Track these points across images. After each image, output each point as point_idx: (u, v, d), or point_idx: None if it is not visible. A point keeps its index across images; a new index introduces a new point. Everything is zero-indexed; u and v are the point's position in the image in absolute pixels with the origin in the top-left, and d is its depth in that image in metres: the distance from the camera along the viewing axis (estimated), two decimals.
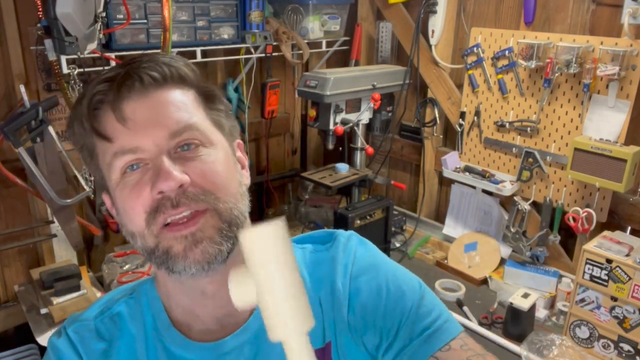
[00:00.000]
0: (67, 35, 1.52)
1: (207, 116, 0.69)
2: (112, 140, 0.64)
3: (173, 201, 0.62)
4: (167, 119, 0.64)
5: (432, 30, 2.14)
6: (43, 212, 1.97)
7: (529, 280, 1.88)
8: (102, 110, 0.65)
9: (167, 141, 0.64)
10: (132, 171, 0.64)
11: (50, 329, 1.72)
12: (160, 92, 0.65)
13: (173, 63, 0.68)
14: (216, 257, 0.64)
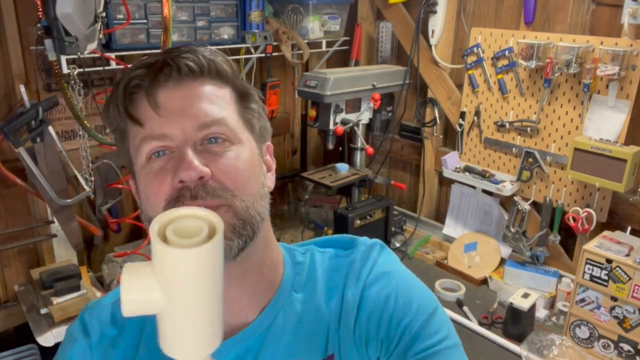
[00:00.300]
0: (67, 35, 1.52)
1: (239, 114, 0.69)
2: (143, 125, 0.65)
3: (192, 192, 0.62)
4: (198, 110, 0.64)
5: (432, 30, 2.14)
6: (43, 212, 1.97)
7: (529, 280, 1.88)
8: (138, 95, 0.66)
9: (194, 132, 0.64)
10: (157, 158, 0.65)
11: (50, 329, 1.72)
12: (195, 83, 0.66)
13: (212, 57, 0.68)
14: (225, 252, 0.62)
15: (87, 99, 1.96)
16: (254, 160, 0.69)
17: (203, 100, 0.65)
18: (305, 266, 0.76)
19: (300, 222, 2.45)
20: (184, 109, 0.64)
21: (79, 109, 1.69)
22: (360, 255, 0.75)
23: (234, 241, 0.64)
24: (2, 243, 1.93)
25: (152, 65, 0.65)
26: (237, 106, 0.70)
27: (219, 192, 0.63)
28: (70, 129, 2.03)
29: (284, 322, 0.71)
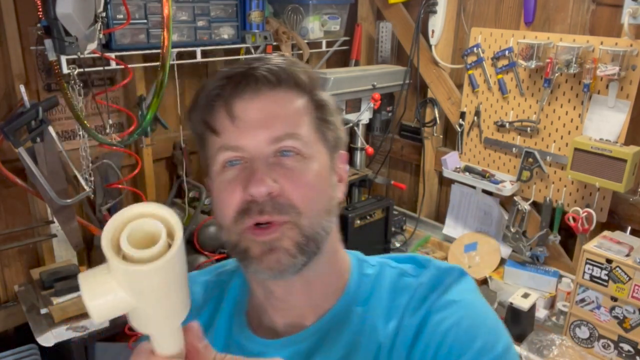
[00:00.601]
0: (67, 35, 1.52)
1: (313, 126, 0.69)
2: (219, 135, 0.67)
3: (260, 207, 0.63)
4: (272, 123, 0.65)
5: (432, 30, 2.14)
6: (43, 212, 1.97)
7: (529, 280, 1.88)
8: (217, 104, 0.67)
9: (267, 145, 0.65)
10: (231, 166, 0.67)
11: (50, 329, 1.72)
12: (271, 94, 0.67)
13: (289, 67, 0.69)
14: (289, 267, 0.65)
15: (87, 99, 1.96)
16: (324, 174, 0.69)
17: (278, 112, 0.66)
18: (371, 280, 0.74)
19: None
20: (258, 121, 0.65)
21: (79, 109, 1.69)
22: (430, 278, 0.71)
23: (298, 258, 0.65)
24: (2, 243, 1.93)
25: (233, 77, 0.67)
26: (313, 117, 0.69)
27: (287, 209, 0.64)
28: (70, 129, 2.03)
29: (339, 333, 0.70)
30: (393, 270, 0.74)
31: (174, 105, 2.27)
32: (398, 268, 0.74)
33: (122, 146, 1.76)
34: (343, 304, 0.72)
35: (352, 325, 0.70)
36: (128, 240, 0.40)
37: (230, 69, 0.69)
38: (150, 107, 1.64)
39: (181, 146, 2.28)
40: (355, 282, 0.73)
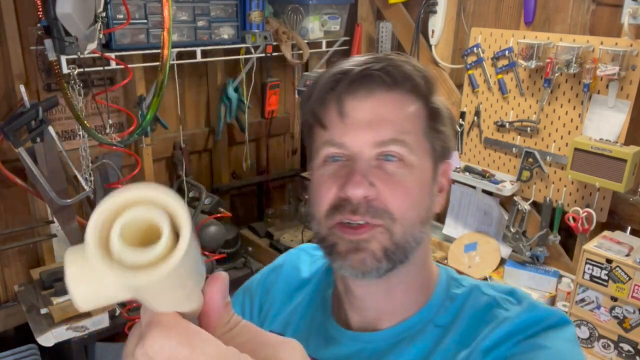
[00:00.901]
0: (67, 35, 1.52)
1: (423, 134, 0.67)
2: (326, 129, 0.67)
3: (353, 207, 0.63)
4: (380, 126, 0.64)
5: (432, 30, 2.14)
6: (43, 212, 1.97)
7: (529, 280, 1.88)
8: (329, 99, 0.67)
9: (371, 147, 0.64)
10: (332, 162, 0.67)
11: (50, 329, 1.72)
12: (384, 96, 0.65)
13: (408, 70, 0.67)
14: (372, 270, 0.64)
15: (87, 99, 1.96)
16: (425, 184, 0.67)
17: (388, 115, 0.65)
18: (456, 300, 0.70)
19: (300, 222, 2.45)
20: (367, 122, 0.64)
21: (79, 109, 1.69)
22: (520, 315, 0.64)
23: (383, 263, 0.64)
24: (2, 243, 1.93)
25: (349, 73, 0.66)
26: (424, 125, 0.67)
27: (381, 214, 0.63)
28: (70, 129, 2.03)
29: (410, 345, 0.68)
30: (483, 297, 0.69)
31: (174, 105, 2.27)
32: (490, 296, 0.69)
33: (122, 146, 1.76)
34: (421, 318, 0.70)
35: (425, 341, 0.68)
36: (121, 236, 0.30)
37: (348, 62, 0.68)
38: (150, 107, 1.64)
39: (181, 146, 2.28)
40: (438, 299, 0.71)
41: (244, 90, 2.37)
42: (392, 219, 0.64)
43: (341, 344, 0.73)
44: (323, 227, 0.67)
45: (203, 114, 2.44)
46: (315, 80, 0.71)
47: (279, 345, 0.37)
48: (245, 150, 2.48)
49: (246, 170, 2.54)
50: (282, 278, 0.86)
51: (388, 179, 0.64)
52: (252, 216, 2.68)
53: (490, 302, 0.68)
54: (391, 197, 0.64)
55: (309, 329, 0.78)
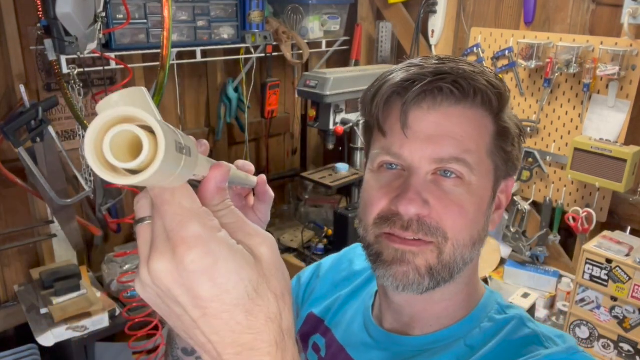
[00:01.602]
0: (67, 35, 1.52)
1: (488, 153, 0.64)
2: (386, 137, 0.65)
3: (404, 223, 0.62)
4: (442, 142, 0.61)
5: (432, 30, 2.14)
6: (43, 212, 1.97)
7: (529, 280, 1.88)
8: (393, 104, 0.64)
9: (430, 163, 0.62)
10: (388, 170, 0.65)
11: (50, 329, 1.72)
12: (451, 110, 0.62)
13: (481, 83, 0.62)
14: (413, 285, 0.63)
15: (87, 99, 1.96)
16: (482, 204, 0.65)
17: (452, 131, 0.61)
18: (494, 325, 0.68)
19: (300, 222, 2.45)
20: (428, 137, 0.61)
21: (79, 109, 1.69)
22: (558, 355, 0.61)
23: (425, 280, 0.63)
24: (2, 243, 1.93)
25: (417, 80, 0.62)
26: (491, 143, 0.64)
27: (433, 232, 0.61)
28: (70, 129, 2.03)
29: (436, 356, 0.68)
30: (525, 330, 0.66)
31: (174, 105, 2.27)
32: (533, 330, 0.65)
33: None
34: (452, 333, 0.69)
35: (452, 355, 0.67)
36: (111, 149, 0.36)
37: (418, 66, 0.64)
38: None
39: None
40: (476, 318, 0.69)
41: (244, 90, 2.37)
42: (445, 237, 0.62)
43: (371, 339, 0.74)
44: (370, 234, 0.66)
45: (203, 114, 2.44)
46: (381, 77, 0.67)
47: (253, 234, 0.42)
48: (245, 150, 2.48)
49: None
50: (334, 269, 0.90)
51: (443, 197, 0.62)
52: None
53: (531, 337, 0.64)
54: (445, 215, 0.62)
55: (347, 317, 0.80)
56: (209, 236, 0.39)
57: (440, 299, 0.68)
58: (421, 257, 0.62)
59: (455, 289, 0.68)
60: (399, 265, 0.63)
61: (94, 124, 0.36)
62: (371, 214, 0.65)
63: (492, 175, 0.65)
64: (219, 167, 0.44)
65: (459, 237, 0.62)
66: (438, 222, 0.61)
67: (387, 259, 0.63)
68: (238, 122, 2.44)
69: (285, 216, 2.57)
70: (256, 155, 2.66)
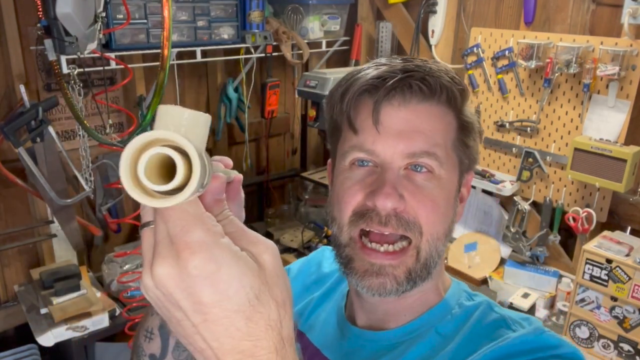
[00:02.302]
0: (67, 35, 1.52)
1: (453, 147, 0.67)
2: (357, 134, 0.65)
3: (382, 219, 0.62)
4: (413, 137, 0.63)
5: (432, 30, 2.14)
6: (43, 212, 1.97)
7: (529, 280, 1.88)
8: (364, 102, 0.66)
9: (402, 158, 0.63)
10: (360, 167, 0.66)
11: (50, 329, 1.72)
12: (420, 107, 0.64)
13: (446, 81, 0.65)
14: (391, 292, 0.64)
15: (87, 99, 1.96)
16: (451, 196, 0.67)
17: (422, 127, 0.64)
18: (463, 311, 0.70)
19: (300, 222, 2.45)
20: (399, 132, 0.63)
21: (79, 109, 1.69)
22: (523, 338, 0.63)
23: (404, 285, 0.64)
24: (2, 243, 1.93)
25: (386, 78, 0.64)
26: (454, 138, 0.67)
27: (409, 225, 0.63)
28: (70, 129, 2.03)
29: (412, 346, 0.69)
30: (492, 315, 0.68)
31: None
32: (500, 315, 0.68)
33: (122, 146, 1.76)
34: (426, 320, 0.70)
35: (424, 348, 0.68)
36: (146, 175, 0.36)
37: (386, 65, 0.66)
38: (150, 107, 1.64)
39: None
40: (445, 306, 0.71)
41: (244, 90, 2.37)
42: (420, 232, 0.63)
43: (345, 338, 0.74)
44: (344, 233, 0.66)
45: None
46: (348, 76, 0.69)
47: (256, 241, 0.43)
48: (245, 150, 2.48)
49: (246, 170, 2.54)
50: (303, 272, 0.89)
51: (417, 191, 0.63)
52: (252, 216, 2.67)
53: (499, 321, 0.67)
54: (420, 209, 0.63)
55: (321, 319, 0.80)
56: (212, 242, 0.39)
57: (413, 293, 0.69)
58: (400, 268, 0.64)
59: (428, 283, 0.69)
60: (375, 277, 0.63)
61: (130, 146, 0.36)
62: (346, 211, 0.65)
63: (457, 169, 0.68)
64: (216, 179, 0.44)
65: (433, 231, 0.64)
66: (414, 217, 0.63)
67: (359, 269, 0.65)
68: (238, 122, 2.44)
69: (285, 216, 2.57)
70: (256, 155, 2.66)
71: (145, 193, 0.37)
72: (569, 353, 0.61)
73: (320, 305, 0.82)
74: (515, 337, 0.62)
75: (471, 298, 0.72)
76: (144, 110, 2.06)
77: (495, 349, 0.62)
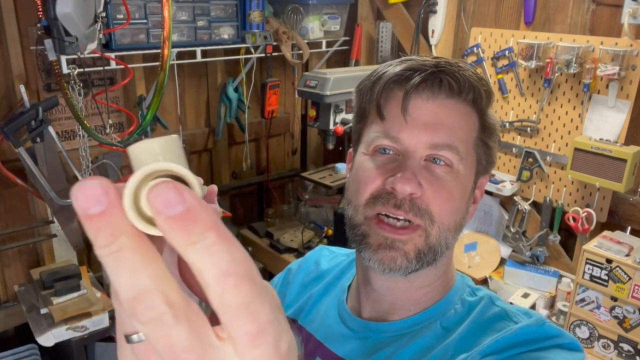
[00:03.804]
0: (67, 35, 1.52)
1: (474, 145, 0.70)
2: (385, 121, 0.68)
3: (397, 201, 0.65)
4: (437, 130, 0.66)
5: (432, 30, 2.14)
6: (43, 212, 1.97)
7: (529, 280, 1.88)
8: (394, 91, 0.68)
9: (425, 148, 0.66)
10: (382, 154, 0.68)
11: (50, 329, 1.72)
12: (447, 102, 0.67)
13: (474, 81, 0.68)
14: (400, 269, 0.66)
15: (87, 99, 1.96)
16: (465, 192, 0.70)
17: (447, 121, 0.67)
18: (466, 306, 0.72)
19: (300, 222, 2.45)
20: (425, 124, 0.66)
21: (79, 109, 1.69)
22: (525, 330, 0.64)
23: (412, 263, 0.66)
24: (2, 243, 1.93)
25: (420, 71, 0.67)
26: (476, 137, 0.70)
27: (421, 212, 0.65)
28: (70, 129, 2.03)
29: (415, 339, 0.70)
30: (494, 308, 0.70)
31: (174, 105, 2.27)
32: (501, 308, 0.70)
33: (122, 146, 1.76)
34: (428, 315, 0.72)
35: (428, 339, 0.70)
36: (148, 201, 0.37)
37: (419, 60, 0.69)
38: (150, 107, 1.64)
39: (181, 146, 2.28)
40: (449, 301, 0.73)
41: (244, 90, 2.37)
42: (431, 220, 0.65)
43: (349, 329, 0.75)
44: (360, 214, 0.68)
45: (203, 114, 2.44)
46: (380, 68, 0.71)
47: None
48: (245, 150, 2.48)
49: (246, 170, 2.54)
50: (302, 271, 0.91)
51: (434, 181, 0.66)
52: (252, 216, 2.67)
53: (500, 314, 0.69)
54: (435, 199, 0.65)
55: (321, 313, 0.81)
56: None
57: (420, 285, 0.71)
58: (410, 243, 0.66)
59: (434, 275, 0.71)
60: (388, 250, 0.66)
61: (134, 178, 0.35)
62: (364, 193, 0.67)
63: (474, 168, 0.70)
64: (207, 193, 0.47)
65: (444, 221, 0.66)
66: (427, 205, 0.65)
67: (373, 243, 0.67)
68: (238, 122, 2.44)
69: (285, 216, 2.57)
70: (256, 155, 2.66)
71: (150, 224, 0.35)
72: (569, 342, 0.64)
73: (320, 299, 0.84)
74: (518, 327, 0.65)
75: (474, 293, 0.74)
76: (144, 110, 2.06)
77: (500, 339, 0.64)
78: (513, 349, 0.62)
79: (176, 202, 0.25)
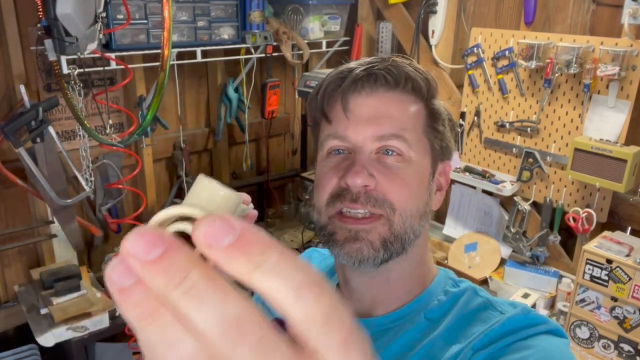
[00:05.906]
0: (67, 36, 1.52)
1: (423, 132, 0.71)
2: (331, 123, 0.71)
3: (353, 196, 0.67)
4: (381, 122, 0.68)
5: (432, 30, 2.14)
6: (43, 212, 1.97)
7: (529, 281, 1.88)
8: (335, 95, 0.71)
9: (372, 141, 0.68)
10: (335, 155, 0.71)
11: (50, 329, 1.72)
12: (386, 95, 0.70)
13: (411, 72, 0.71)
14: (368, 259, 0.67)
15: (87, 99, 1.96)
16: (423, 179, 0.71)
17: (389, 113, 0.69)
18: (449, 297, 0.72)
19: (300, 222, 2.45)
20: (368, 118, 0.68)
21: (79, 109, 1.69)
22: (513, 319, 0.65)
23: (380, 252, 0.67)
24: (2, 243, 1.93)
25: (353, 71, 0.70)
26: (423, 124, 0.71)
27: (381, 203, 0.67)
28: (70, 129, 2.03)
29: (400, 332, 0.71)
30: (477, 299, 0.71)
31: (174, 105, 2.27)
32: (484, 298, 0.71)
33: (122, 146, 1.76)
34: (412, 308, 0.73)
35: (414, 332, 0.70)
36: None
37: (354, 63, 0.73)
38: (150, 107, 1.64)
39: (181, 146, 2.28)
40: (432, 293, 0.73)
41: (244, 90, 2.37)
42: (392, 209, 0.67)
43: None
44: (323, 215, 0.70)
45: (203, 114, 2.44)
46: (323, 78, 0.75)
47: None
48: (245, 151, 2.48)
49: (246, 170, 2.54)
50: None
51: (386, 171, 0.68)
52: None
53: (485, 304, 0.70)
54: (390, 187, 0.67)
55: None
56: None
57: (397, 278, 0.72)
58: (374, 232, 0.67)
59: (409, 266, 0.72)
60: (353, 242, 0.67)
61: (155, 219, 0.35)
62: (324, 194, 0.69)
63: (429, 154, 0.72)
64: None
65: (405, 208, 0.68)
66: (384, 195, 0.67)
67: (340, 239, 0.68)
68: (238, 122, 2.44)
69: (285, 216, 2.57)
70: (256, 156, 2.66)
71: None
72: (555, 329, 0.66)
73: None
74: (506, 318, 0.66)
75: (457, 284, 0.75)
76: (144, 110, 2.06)
77: (489, 332, 0.65)
78: (503, 339, 0.64)
79: (227, 231, 0.24)
